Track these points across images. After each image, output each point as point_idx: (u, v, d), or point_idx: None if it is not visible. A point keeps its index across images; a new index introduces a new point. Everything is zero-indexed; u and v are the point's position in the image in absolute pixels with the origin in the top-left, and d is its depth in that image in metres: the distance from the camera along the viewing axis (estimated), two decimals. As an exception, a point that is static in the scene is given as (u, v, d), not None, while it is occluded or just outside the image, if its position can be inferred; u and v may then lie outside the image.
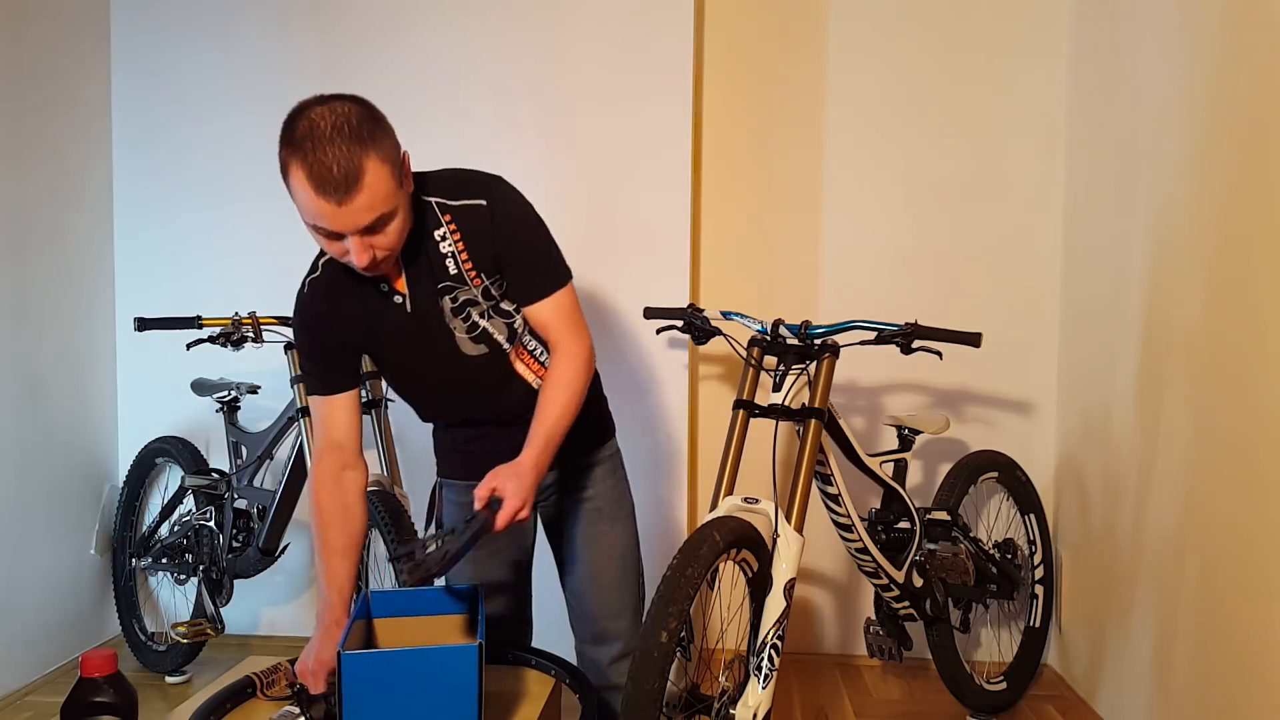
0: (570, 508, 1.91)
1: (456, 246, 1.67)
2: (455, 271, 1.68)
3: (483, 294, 1.71)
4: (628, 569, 1.93)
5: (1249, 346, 1.95)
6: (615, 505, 1.93)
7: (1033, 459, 3.07)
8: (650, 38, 2.96)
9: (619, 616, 1.92)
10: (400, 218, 1.55)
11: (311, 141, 1.46)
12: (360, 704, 1.40)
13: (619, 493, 1.95)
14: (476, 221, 1.66)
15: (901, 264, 3.15)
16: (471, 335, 1.72)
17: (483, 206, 1.66)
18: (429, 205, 1.67)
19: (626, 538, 1.94)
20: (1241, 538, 1.97)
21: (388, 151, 1.51)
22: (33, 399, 2.94)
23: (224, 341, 2.61)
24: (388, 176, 1.50)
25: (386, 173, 1.49)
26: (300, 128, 1.48)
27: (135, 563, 3.12)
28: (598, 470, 1.92)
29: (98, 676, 1.36)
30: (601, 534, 1.90)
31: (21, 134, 2.89)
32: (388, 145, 1.51)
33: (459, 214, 1.67)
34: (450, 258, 1.67)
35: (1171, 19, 2.34)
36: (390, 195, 1.51)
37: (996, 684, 2.80)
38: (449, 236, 1.67)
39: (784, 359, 2.11)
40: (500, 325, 1.74)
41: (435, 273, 1.68)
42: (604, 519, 1.91)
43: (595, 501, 1.91)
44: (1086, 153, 2.92)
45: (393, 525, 2.30)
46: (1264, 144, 1.91)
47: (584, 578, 1.91)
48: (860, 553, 2.40)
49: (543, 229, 1.73)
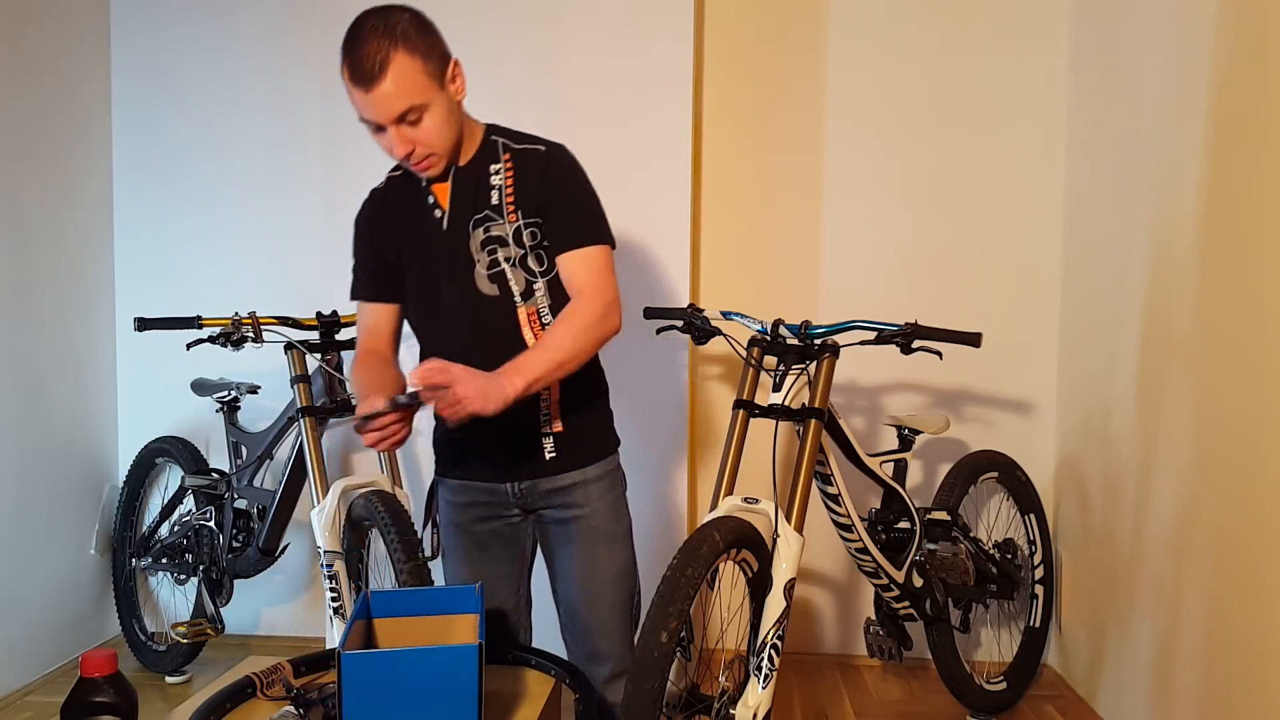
0: (566, 525, 1.87)
1: (506, 181, 1.78)
2: (496, 202, 1.78)
3: (514, 236, 1.77)
4: (621, 590, 1.90)
5: (1249, 346, 1.95)
6: (613, 524, 1.89)
7: (1033, 459, 3.07)
8: (650, 38, 2.96)
9: (611, 637, 1.89)
10: (436, 114, 1.68)
11: (354, 40, 1.66)
12: (360, 704, 1.40)
13: (616, 511, 1.90)
14: (531, 164, 1.79)
15: (901, 264, 3.15)
16: (490, 272, 1.77)
17: (540, 151, 1.80)
18: (495, 143, 1.81)
19: (623, 557, 1.90)
20: (1242, 537, 1.97)
21: (422, 49, 1.65)
22: (33, 399, 2.94)
23: (224, 341, 2.61)
24: (417, 70, 1.64)
25: (416, 66, 1.64)
26: (350, 31, 1.67)
27: (135, 563, 3.12)
28: (596, 487, 1.87)
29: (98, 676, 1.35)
30: (598, 554, 1.87)
31: (21, 134, 2.89)
32: (424, 44, 1.66)
33: (518, 155, 1.80)
34: (496, 190, 1.78)
35: (1171, 19, 2.34)
36: (419, 88, 1.65)
37: (996, 684, 2.80)
38: (502, 171, 1.79)
39: (784, 359, 2.11)
40: (520, 277, 1.78)
41: (477, 200, 1.78)
42: (600, 539, 1.87)
43: (592, 520, 1.86)
44: (1086, 153, 2.92)
45: (392, 525, 2.29)
46: (1264, 143, 1.91)
47: (578, 596, 1.88)
48: (860, 553, 2.40)
49: (591, 188, 1.81)
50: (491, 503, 1.89)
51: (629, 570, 1.92)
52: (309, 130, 3.14)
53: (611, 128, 2.98)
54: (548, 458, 1.84)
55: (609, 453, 1.92)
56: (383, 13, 1.67)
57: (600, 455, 1.89)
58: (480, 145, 1.81)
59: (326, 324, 2.62)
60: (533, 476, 1.85)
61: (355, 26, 1.67)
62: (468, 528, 1.91)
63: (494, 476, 1.86)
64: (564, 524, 1.87)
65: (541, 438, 1.83)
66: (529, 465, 1.84)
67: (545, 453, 1.83)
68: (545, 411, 1.82)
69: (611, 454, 1.93)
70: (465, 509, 1.91)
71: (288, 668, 1.71)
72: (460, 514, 1.91)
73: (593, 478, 1.87)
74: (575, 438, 1.85)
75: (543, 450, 1.83)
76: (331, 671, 1.67)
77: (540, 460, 1.84)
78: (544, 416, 1.82)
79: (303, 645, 3.17)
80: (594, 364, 1.89)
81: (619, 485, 1.93)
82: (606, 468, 1.90)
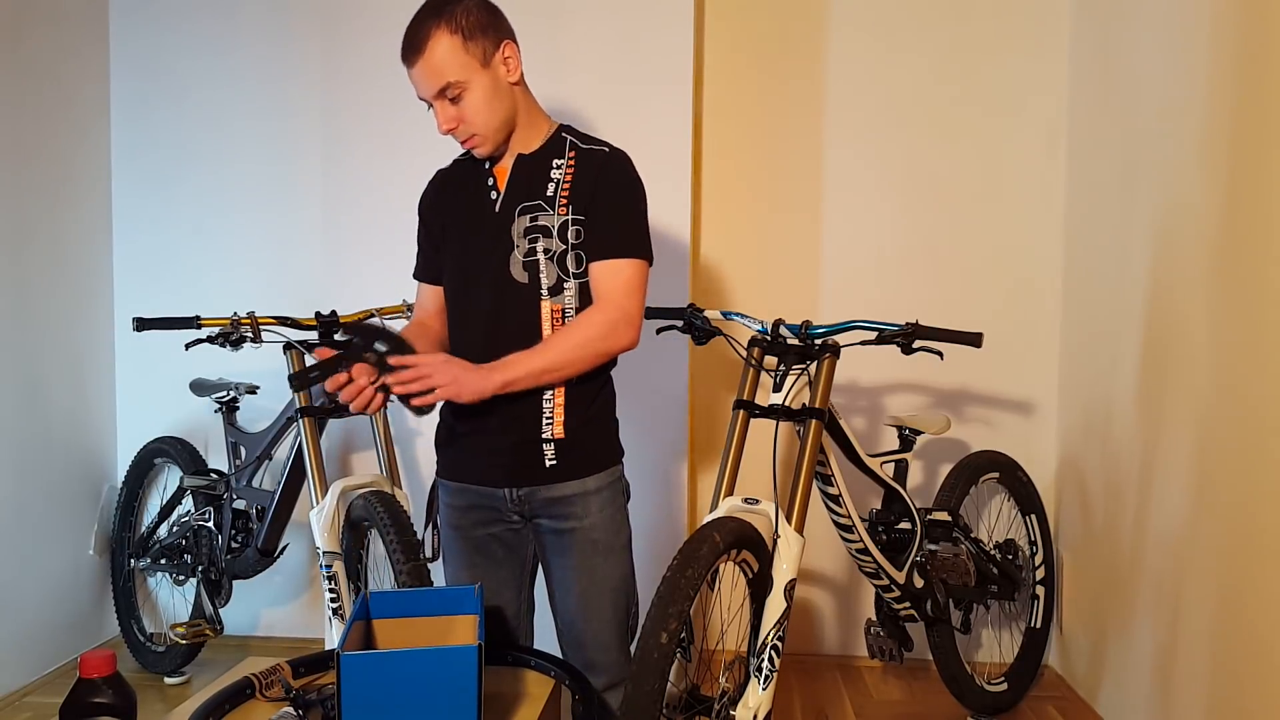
0: (564, 536, 1.84)
1: (566, 175, 1.81)
2: (551, 194, 1.80)
3: (559, 230, 1.78)
4: (619, 603, 1.88)
5: (1250, 345, 1.94)
6: (612, 536, 1.86)
7: (1034, 459, 3.06)
8: (650, 38, 2.96)
9: (607, 649, 1.87)
10: (478, 93, 1.73)
11: (415, 16, 1.73)
12: (359, 705, 1.39)
13: (616, 524, 1.87)
14: (591, 162, 1.82)
15: (902, 264, 3.15)
16: (525, 259, 1.79)
17: (603, 153, 1.83)
18: (564, 139, 1.85)
19: (620, 570, 1.88)
20: (1243, 538, 1.97)
21: (465, 27, 1.70)
22: (32, 399, 2.94)
23: (223, 342, 2.61)
24: (456, 48, 1.70)
25: (455, 44, 1.70)
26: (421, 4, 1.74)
27: (134, 563, 3.11)
28: (595, 499, 1.83)
29: (96, 677, 1.35)
30: (595, 566, 1.84)
31: (21, 135, 2.88)
32: (470, 23, 1.71)
33: (582, 154, 1.83)
34: (554, 183, 1.81)
35: (1171, 19, 2.34)
36: (457, 66, 1.70)
37: (997, 685, 2.79)
38: (564, 166, 1.82)
39: (784, 359, 2.11)
40: (553, 271, 1.79)
41: (533, 188, 1.81)
42: (599, 551, 1.85)
43: (591, 533, 1.84)
44: (1087, 152, 2.92)
45: (391, 525, 2.29)
46: (1264, 142, 1.90)
47: (575, 608, 1.86)
48: (861, 553, 2.40)
49: (642, 200, 1.84)
50: (490, 508, 1.88)
51: (626, 583, 1.90)
52: (308, 131, 3.14)
53: (611, 129, 2.93)
54: (547, 465, 1.81)
55: (611, 464, 1.89)
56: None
57: (602, 466, 1.86)
58: (549, 138, 1.84)
59: (325, 324, 2.61)
60: (531, 484, 1.83)
61: (421, 7, 1.75)
62: (467, 531, 1.90)
63: (493, 481, 1.85)
64: (561, 534, 1.85)
65: (542, 444, 1.81)
66: (528, 471, 1.82)
67: (545, 459, 1.81)
68: (548, 416, 1.80)
69: (614, 465, 1.89)
70: (465, 513, 1.90)
71: (287, 669, 1.70)
72: (460, 517, 1.90)
73: (593, 489, 1.84)
74: (576, 446, 1.82)
75: (543, 457, 1.81)
76: (330, 672, 1.67)
77: (539, 467, 1.82)
78: (546, 421, 1.80)
79: (302, 646, 3.16)
80: (602, 373, 1.87)
81: (620, 497, 1.90)
82: (608, 479, 1.86)
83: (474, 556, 1.91)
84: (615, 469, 1.90)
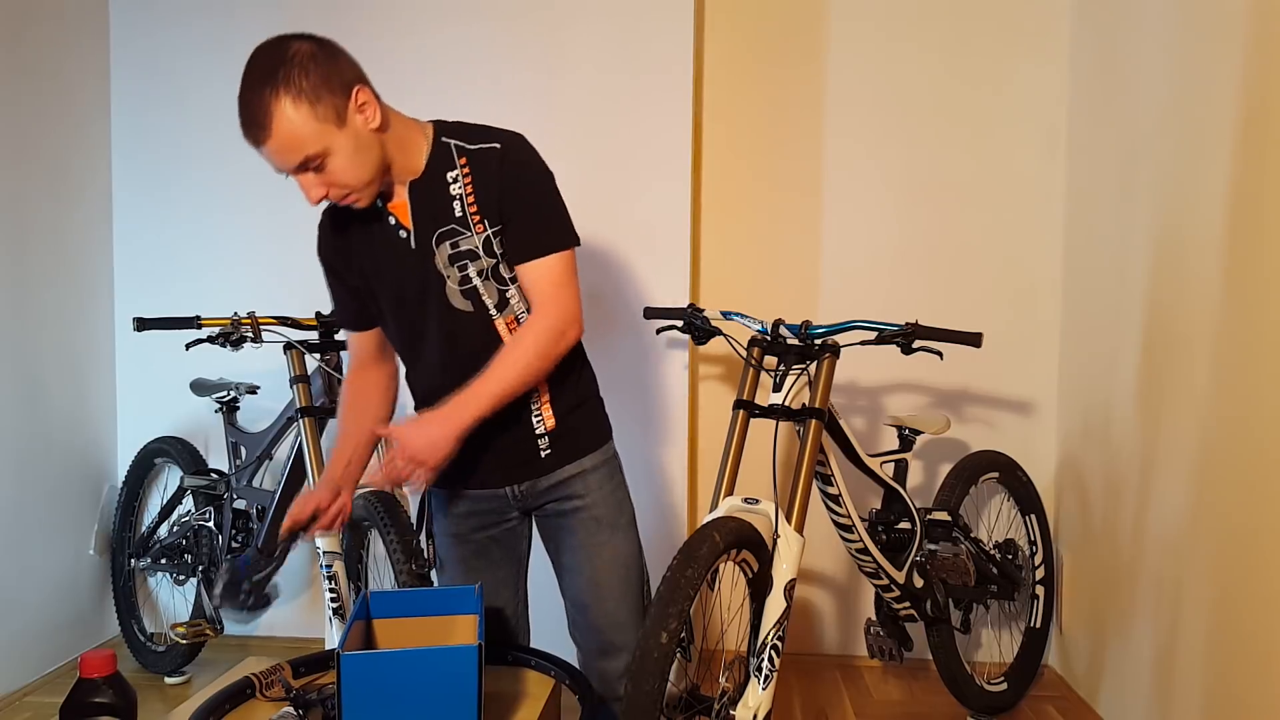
0: (566, 517, 1.85)
1: (465, 189, 1.68)
2: (460, 215, 1.69)
3: (483, 246, 1.69)
4: (631, 579, 1.87)
5: (1250, 345, 1.94)
6: (614, 512, 1.86)
7: (1033, 459, 3.06)
8: (650, 38, 2.95)
9: (623, 628, 1.85)
10: (342, 155, 1.57)
11: (243, 81, 1.55)
12: (359, 705, 1.40)
13: (618, 499, 1.88)
14: (487, 164, 1.68)
15: (902, 264, 3.15)
16: (462, 288, 1.71)
17: (496, 149, 1.68)
18: (447, 146, 1.70)
19: (628, 545, 1.87)
20: (1244, 537, 1.97)
21: (310, 91, 1.53)
22: (32, 399, 2.94)
23: (223, 341, 2.61)
24: (305, 118, 1.52)
25: (303, 113, 1.52)
26: (245, 65, 1.56)
27: (134, 563, 3.11)
28: (594, 476, 1.84)
29: (97, 677, 1.35)
30: (601, 544, 1.84)
31: (21, 135, 2.88)
32: (312, 84, 1.53)
33: (474, 157, 1.69)
34: (458, 200, 1.68)
35: (1172, 19, 2.34)
36: (312, 136, 1.54)
37: (997, 685, 2.80)
38: (460, 180, 1.69)
39: (784, 359, 2.11)
40: (492, 289, 1.72)
41: (440, 215, 1.69)
42: (603, 528, 1.84)
43: (593, 510, 1.84)
44: (1087, 153, 2.92)
45: (391, 525, 2.29)
46: (1264, 142, 1.91)
47: (586, 589, 1.85)
48: (861, 553, 2.40)
49: (551, 185, 1.72)
50: (491, 509, 1.87)
51: (635, 559, 1.88)
52: (308, 130, 3.13)
53: (611, 128, 2.98)
54: (543, 456, 1.82)
55: (603, 441, 1.89)
56: (273, 48, 1.57)
57: (595, 445, 1.87)
58: (431, 151, 1.69)
59: (326, 324, 2.61)
60: (531, 476, 1.83)
61: (248, 63, 1.56)
62: (467, 536, 1.90)
63: (493, 483, 1.85)
64: (565, 515, 1.85)
65: (536, 438, 1.81)
66: (525, 467, 1.83)
67: (541, 451, 1.81)
68: (537, 413, 1.80)
69: (606, 442, 1.90)
70: (464, 519, 1.89)
71: (287, 668, 1.70)
72: (459, 524, 1.90)
73: (590, 467, 1.84)
74: (568, 432, 1.83)
75: (538, 450, 1.81)
76: (331, 672, 1.67)
77: (536, 460, 1.82)
78: (536, 418, 1.80)
79: (302, 646, 3.16)
80: (579, 357, 1.86)
81: (618, 474, 1.90)
82: (602, 456, 1.87)
83: (473, 561, 1.90)
84: (608, 445, 1.90)
